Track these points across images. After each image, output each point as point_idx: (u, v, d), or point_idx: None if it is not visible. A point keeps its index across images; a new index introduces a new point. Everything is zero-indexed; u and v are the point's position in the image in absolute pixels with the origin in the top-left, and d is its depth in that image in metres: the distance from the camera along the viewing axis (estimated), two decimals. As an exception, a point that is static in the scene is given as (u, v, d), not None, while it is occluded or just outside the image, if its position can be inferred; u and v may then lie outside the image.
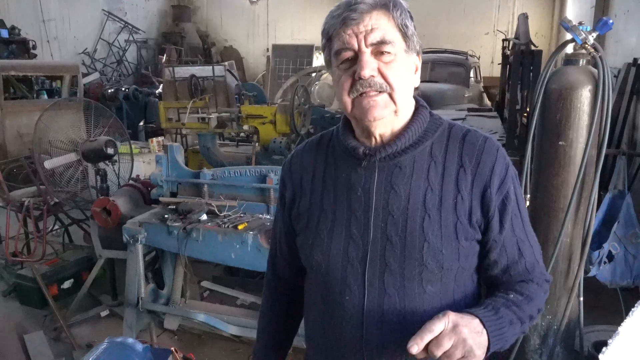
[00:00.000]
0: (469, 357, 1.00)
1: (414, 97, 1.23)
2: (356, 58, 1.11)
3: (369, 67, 1.10)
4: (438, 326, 1.00)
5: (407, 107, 1.19)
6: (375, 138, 1.19)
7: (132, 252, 3.47)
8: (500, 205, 1.17)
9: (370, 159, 1.18)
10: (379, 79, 1.11)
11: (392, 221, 1.16)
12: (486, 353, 1.05)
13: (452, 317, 1.02)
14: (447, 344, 0.99)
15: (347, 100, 1.14)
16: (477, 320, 1.05)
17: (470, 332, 1.01)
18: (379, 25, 1.10)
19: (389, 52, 1.11)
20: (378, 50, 1.11)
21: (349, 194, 1.21)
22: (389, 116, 1.15)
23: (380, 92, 1.11)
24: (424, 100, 1.27)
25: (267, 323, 1.52)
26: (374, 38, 1.10)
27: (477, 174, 1.16)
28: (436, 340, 0.99)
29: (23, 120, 7.01)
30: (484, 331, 1.05)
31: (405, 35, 1.14)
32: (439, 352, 0.99)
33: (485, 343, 1.04)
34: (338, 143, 1.26)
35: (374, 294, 1.17)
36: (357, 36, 1.10)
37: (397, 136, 1.18)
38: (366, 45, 1.10)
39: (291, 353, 3.52)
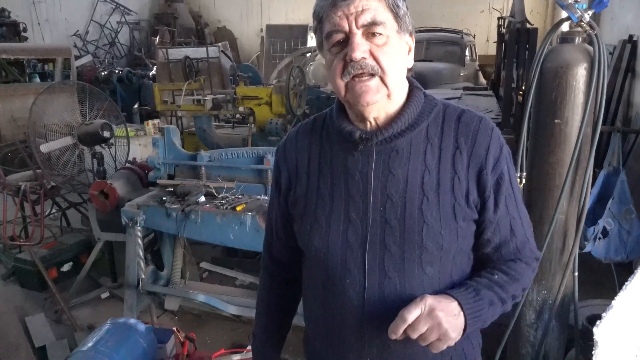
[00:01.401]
0: (443, 339, 1.06)
1: (408, 78, 1.23)
2: (347, 40, 1.10)
3: (360, 49, 1.08)
4: (414, 313, 1.05)
5: (400, 90, 1.19)
6: (370, 122, 1.18)
7: (131, 235, 3.49)
8: (494, 185, 1.18)
9: (366, 143, 1.18)
10: (370, 61, 1.09)
11: (391, 205, 1.17)
12: (463, 333, 1.09)
13: (429, 301, 1.07)
14: (422, 328, 1.05)
15: (340, 84, 1.13)
16: (455, 303, 1.09)
17: (446, 315, 1.06)
18: (369, 6, 1.09)
19: (380, 34, 1.10)
20: (369, 31, 1.09)
21: (346, 178, 1.21)
22: (382, 100, 1.14)
23: (372, 75, 1.10)
24: (420, 79, 1.27)
25: (266, 306, 1.52)
26: (364, 19, 1.08)
27: (472, 155, 1.17)
28: (413, 324, 1.05)
29: (16, 104, 6.96)
30: (461, 314, 1.09)
31: (397, 16, 1.12)
32: (414, 335, 1.06)
33: (462, 325, 1.09)
34: (333, 127, 1.25)
35: (374, 277, 1.18)
36: (347, 18, 1.09)
37: (392, 119, 1.18)
38: (357, 27, 1.09)
39: (291, 332, 3.57)
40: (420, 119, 1.19)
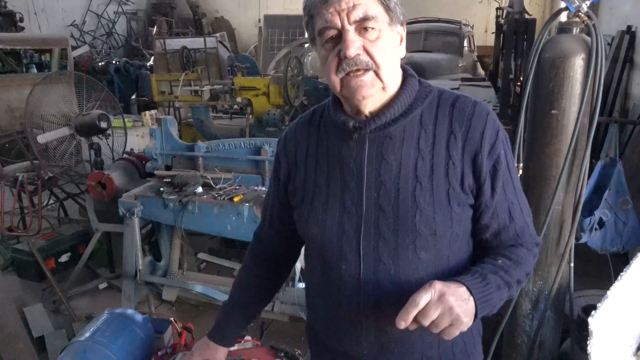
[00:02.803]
0: (456, 325, 1.02)
1: (402, 66, 1.23)
2: (340, 36, 1.10)
3: (354, 45, 1.09)
4: (424, 298, 1.02)
5: (394, 82, 1.19)
6: (366, 115, 1.20)
7: (129, 226, 3.49)
8: (491, 169, 1.18)
9: (360, 132, 1.19)
10: (364, 57, 1.10)
11: (385, 191, 1.18)
12: (474, 319, 1.07)
13: (438, 287, 1.04)
14: (433, 314, 1.01)
15: (336, 80, 1.15)
16: (463, 288, 1.07)
17: (456, 300, 1.03)
18: (360, 0, 1.09)
19: (372, 28, 1.10)
20: (362, 27, 1.10)
21: (342, 167, 1.22)
22: (377, 94, 1.15)
23: (366, 70, 1.11)
24: (418, 70, 1.28)
25: (241, 283, 1.56)
26: (356, 15, 1.09)
27: (467, 140, 1.17)
28: (423, 311, 1.02)
29: (13, 94, 6.92)
30: (471, 298, 1.07)
31: (387, 8, 1.13)
32: (426, 322, 1.02)
33: (473, 310, 1.06)
34: (329, 118, 1.27)
35: (369, 262, 1.19)
36: (339, 14, 1.09)
37: (386, 108, 1.19)
38: (349, 23, 1.09)
39: (288, 322, 3.58)
40: (414, 105, 1.20)
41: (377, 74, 1.12)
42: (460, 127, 1.17)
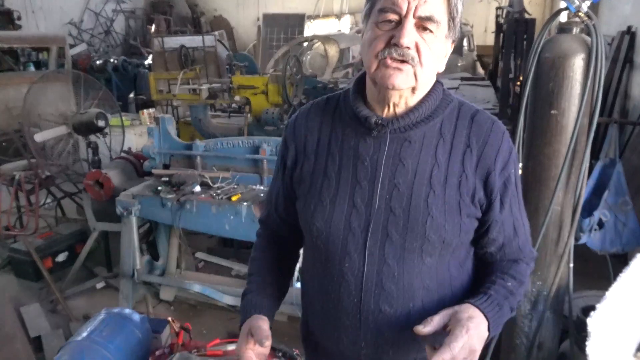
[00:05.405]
0: (469, 359, 1.05)
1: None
2: (398, 23, 1.09)
3: (410, 37, 1.08)
4: (458, 346, 1.03)
5: (425, 88, 1.18)
6: (389, 107, 1.18)
7: (126, 225, 3.48)
8: (501, 187, 1.20)
9: (381, 129, 1.18)
10: (413, 52, 1.09)
11: (397, 194, 1.17)
12: None
13: (471, 332, 1.05)
14: (459, 357, 1.03)
15: (374, 61, 1.12)
16: (485, 324, 1.10)
17: (480, 343, 1.07)
18: (434, 0, 1.08)
19: (431, 32, 1.10)
20: (422, 24, 1.09)
21: (356, 162, 1.21)
22: (406, 91, 1.14)
23: (407, 64, 1.10)
24: None
25: (260, 266, 1.41)
26: (423, 11, 1.07)
27: (482, 156, 1.18)
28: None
29: (10, 92, 6.89)
30: (487, 332, 1.10)
31: (452, 22, 1.13)
32: (447, 357, 1.02)
33: (485, 341, 1.10)
34: (347, 109, 1.25)
35: (374, 263, 1.19)
36: (408, 2, 1.07)
37: (410, 110, 1.18)
38: (414, 16, 1.08)
39: (287, 322, 3.57)
40: (436, 113, 1.20)
41: (415, 73, 1.11)
42: (477, 142, 1.18)
